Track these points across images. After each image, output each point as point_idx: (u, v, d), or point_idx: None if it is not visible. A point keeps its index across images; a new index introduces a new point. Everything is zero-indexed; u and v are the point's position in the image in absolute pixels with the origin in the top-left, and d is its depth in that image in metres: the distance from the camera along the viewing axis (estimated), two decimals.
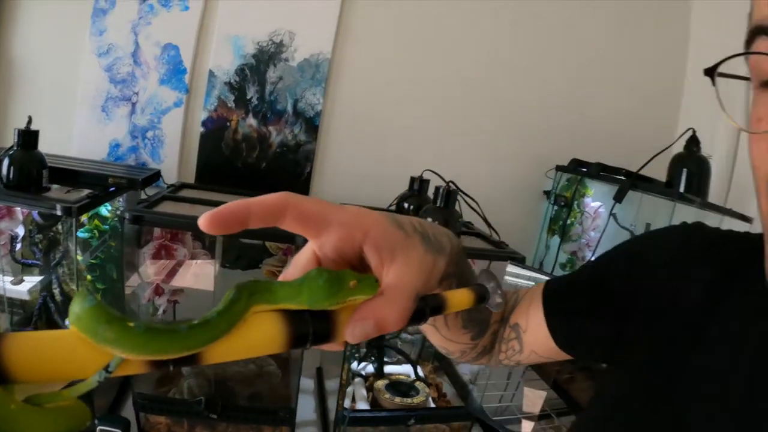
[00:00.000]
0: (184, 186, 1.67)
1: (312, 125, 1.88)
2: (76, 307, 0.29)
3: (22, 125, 1.34)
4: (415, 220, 0.48)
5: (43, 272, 1.44)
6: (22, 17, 1.72)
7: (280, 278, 0.41)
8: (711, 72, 0.46)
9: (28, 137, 1.26)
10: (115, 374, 0.29)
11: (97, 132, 1.75)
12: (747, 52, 0.43)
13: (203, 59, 1.80)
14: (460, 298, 0.46)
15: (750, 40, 0.43)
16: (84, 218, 1.37)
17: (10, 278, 1.54)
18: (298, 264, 0.43)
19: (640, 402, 0.56)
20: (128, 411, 1.43)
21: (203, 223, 0.35)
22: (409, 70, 1.93)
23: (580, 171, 1.86)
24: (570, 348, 0.68)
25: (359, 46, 1.89)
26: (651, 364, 0.57)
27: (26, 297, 1.53)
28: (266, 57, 1.82)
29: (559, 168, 1.93)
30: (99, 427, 1.31)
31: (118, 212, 1.50)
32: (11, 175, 1.24)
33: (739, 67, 0.45)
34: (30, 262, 1.43)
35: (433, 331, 0.66)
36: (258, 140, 1.85)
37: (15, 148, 1.26)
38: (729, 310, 0.54)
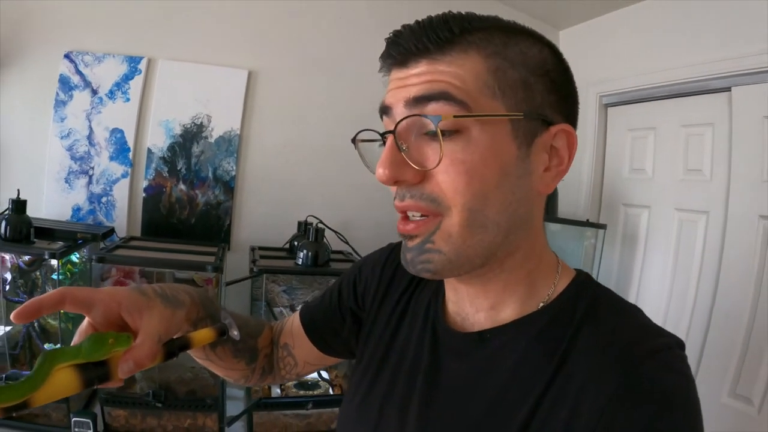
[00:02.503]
0: (132, 238, 2.34)
1: (228, 187, 2.60)
2: None
3: (1, 194, 2.01)
4: (157, 286, 0.69)
5: None
6: None
7: (72, 343, 0.60)
8: (354, 139, 0.69)
9: (19, 204, 1.96)
10: None
11: (62, 198, 2.43)
12: (378, 132, 0.64)
13: (142, 139, 2.51)
14: (203, 335, 0.69)
15: (381, 117, 0.65)
16: (58, 264, 1.98)
17: None
18: (80, 332, 0.62)
19: (370, 373, 0.80)
20: (98, 408, 2.00)
21: (14, 317, 0.56)
22: (300, 138, 2.68)
23: None
24: (332, 351, 0.93)
25: (261, 123, 2.63)
26: (373, 345, 0.83)
27: None
28: (190, 136, 2.54)
29: None
30: (74, 419, 1.88)
31: (85, 258, 2.17)
32: (8, 233, 1.92)
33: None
34: (17, 299, 2.02)
35: (213, 365, 0.88)
36: (188, 201, 2.55)
37: (9, 212, 1.94)
38: (416, 301, 0.81)
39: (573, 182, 2.77)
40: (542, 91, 0.61)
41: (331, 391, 2.26)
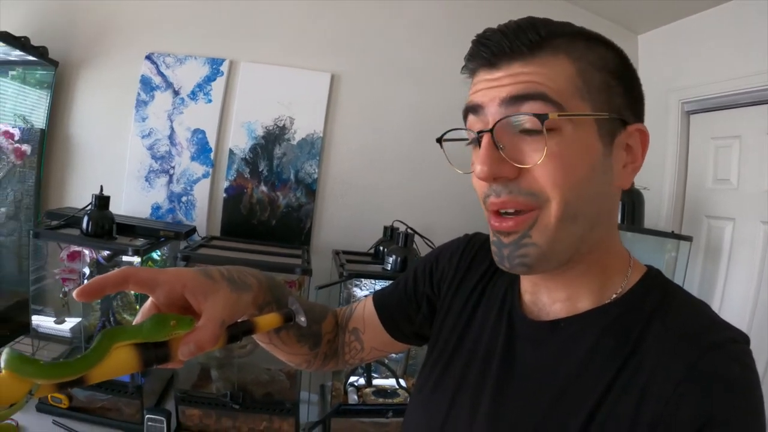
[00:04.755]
0: (213, 238, 2.28)
1: (310, 190, 2.52)
2: (5, 357, 0.47)
3: (80, 190, 2.05)
4: (224, 269, 0.68)
5: (104, 302, 2.00)
6: (79, 103, 2.40)
7: (134, 322, 0.59)
8: (440, 139, 0.70)
9: (102, 200, 1.90)
10: (36, 395, 0.48)
11: (142, 197, 2.40)
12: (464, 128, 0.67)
13: (224, 140, 2.46)
14: (269, 320, 0.68)
15: (465, 115, 0.66)
16: (137, 261, 1.88)
17: (53, 319, 2.07)
18: (143, 312, 0.61)
19: (441, 361, 0.81)
20: (171, 405, 1.97)
21: (78, 294, 0.55)
22: (381, 142, 2.59)
23: None
24: (403, 337, 0.92)
25: (343, 126, 2.55)
26: (447, 333, 0.83)
27: (68, 335, 2.06)
28: (273, 138, 2.48)
29: None
30: (147, 416, 1.85)
31: (165, 256, 2.12)
32: (90, 228, 1.86)
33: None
34: None
35: (276, 349, 0.87)
36: (269, 203, 2.49)
37: (92, 208, 1.88)
38: (491, 291, 0.82)
39: (654, 193, 2.61)
40: (620, 93, 0.64)
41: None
